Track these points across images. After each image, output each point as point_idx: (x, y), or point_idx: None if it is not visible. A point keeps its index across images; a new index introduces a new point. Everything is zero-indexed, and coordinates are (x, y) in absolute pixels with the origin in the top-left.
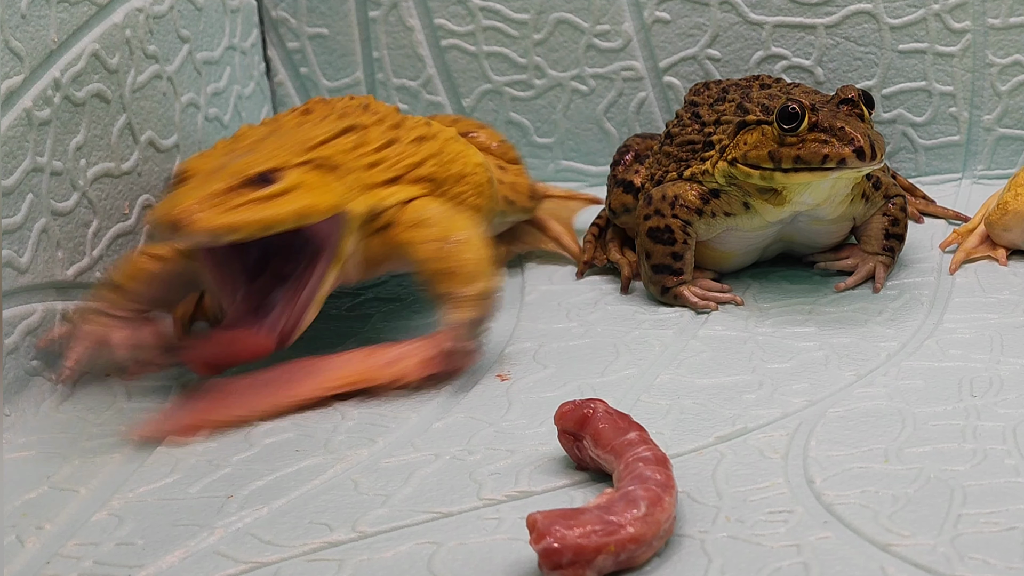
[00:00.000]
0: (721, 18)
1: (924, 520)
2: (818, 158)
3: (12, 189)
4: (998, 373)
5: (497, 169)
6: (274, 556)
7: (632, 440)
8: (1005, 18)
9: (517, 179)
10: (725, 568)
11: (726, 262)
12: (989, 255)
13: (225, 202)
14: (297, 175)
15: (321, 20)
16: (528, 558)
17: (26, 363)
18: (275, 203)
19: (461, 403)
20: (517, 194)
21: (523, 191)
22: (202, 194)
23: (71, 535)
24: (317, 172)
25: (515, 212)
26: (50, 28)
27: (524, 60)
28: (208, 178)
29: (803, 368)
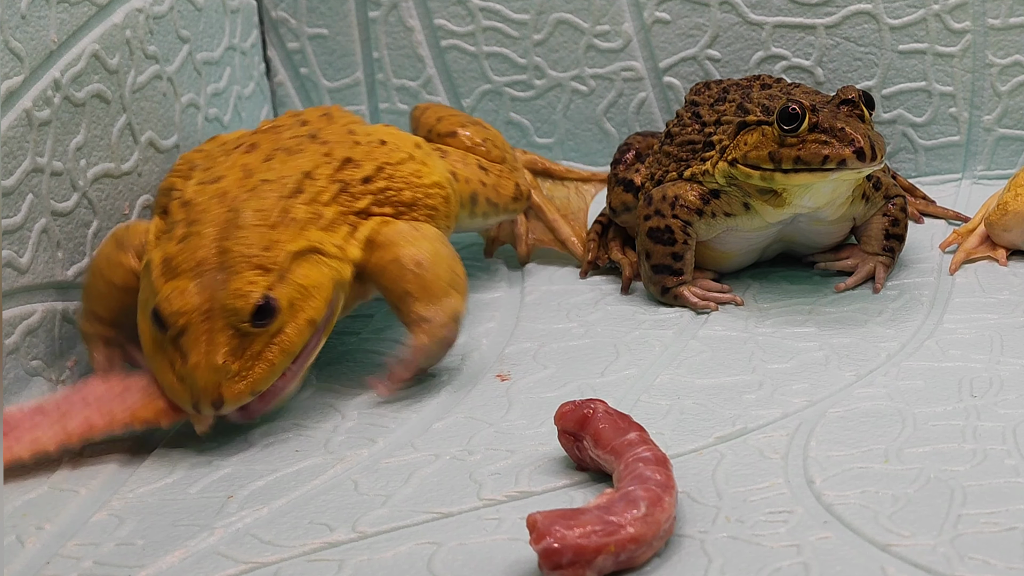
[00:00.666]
0: (721, 18)
1: (924, 520)
2: (818, 159)
3: (12, 189)
4: (998, 373)
5: (478, 170)
6: (274, 556)
7: (632, 440)
8: (1005, 18)
9: (499, 179)
10: (725, 568)
11: (726, 262)
12: (989, 255)
13: (242, 359)
14: (287, 292)
15: (321, 20)
16: (528, 558)
17: (26, 363)
18: (286, 334)
19: (461, 403)
20: (499, 196)
21: (506, 192)
22: (217, 363)
23: (71, 535)
24: (300, 268)
25: (498, 213)
26: (50, 28)
27: (524, 60)
28: (207, 333)
29: (803, 368)
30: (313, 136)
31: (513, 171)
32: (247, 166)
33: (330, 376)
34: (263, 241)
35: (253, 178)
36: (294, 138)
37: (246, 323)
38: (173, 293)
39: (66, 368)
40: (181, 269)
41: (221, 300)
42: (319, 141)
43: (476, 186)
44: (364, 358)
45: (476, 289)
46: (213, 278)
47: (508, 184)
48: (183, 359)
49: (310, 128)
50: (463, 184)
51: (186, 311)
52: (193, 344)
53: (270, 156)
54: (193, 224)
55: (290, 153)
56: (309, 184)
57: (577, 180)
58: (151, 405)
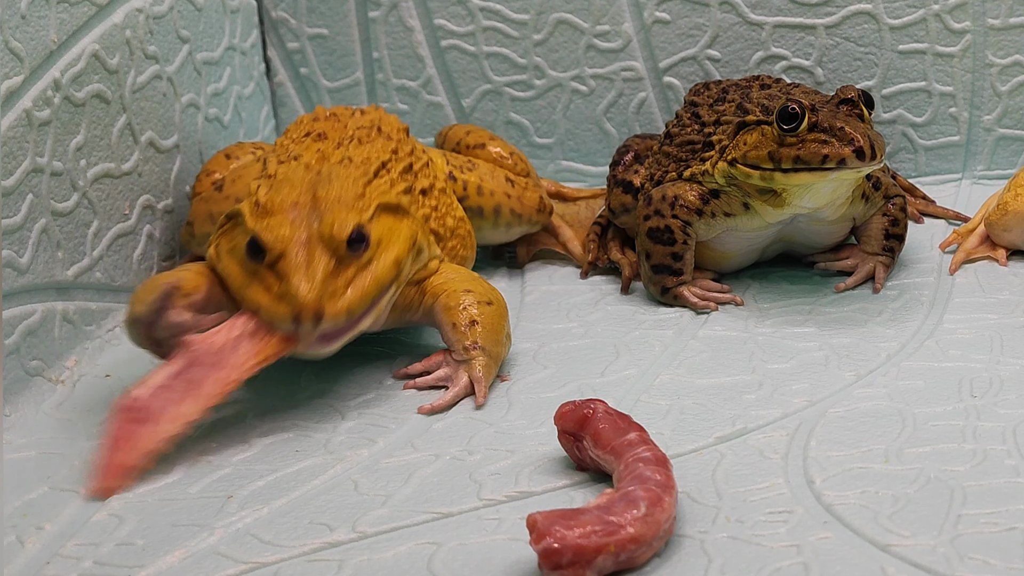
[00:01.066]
0: (721, 18)
1: (924, 520)
2: (818, 158)
3: (12, 189)
4: (998, 373)
5: (504, 182)
6: (274, 556)
7: (632, 440)
8: (1005, 18)
9: (525, 192)
10: (725, 568)
11: (726, 262)
12: (989, 255)
13: (339, 280)
14: (376, 230)
15: (321, 20)
16: (528, 558)
17: (26, 363)
18: (375, 266)
19: (461, 404)
20: (524, 207)
21: (531, 204)
22: (318, 280)
23: (71, 535)
24: (384, 217)
25: (522, 225)
26: (50, 28)
27: (524, 60)
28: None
29: (803, 368)
30: (379, 129)
31: (536, 186)
32: (322, 150)
33: (330, 376)
34: (354, 190)
35: (332, 159)
36: (360, 128)
37: (343, 248)
38: (271, 223)
39: (66, 368)
40: (275, 210)
41: (318, 228)
42: (384, 135)
43: (500, 198)
44: (365, 358)
45: None
46: (308, 216)
47: (533, 196)
48: (282, 280)
49: (371, 118)
50: (487, 197)
51: (284, 238)
52: (292, 266)
53: (341, 143)
54: (282, 181)
55: (361, 143)
56: (385, 173)
57: (588, 199)
58: (266, 341)
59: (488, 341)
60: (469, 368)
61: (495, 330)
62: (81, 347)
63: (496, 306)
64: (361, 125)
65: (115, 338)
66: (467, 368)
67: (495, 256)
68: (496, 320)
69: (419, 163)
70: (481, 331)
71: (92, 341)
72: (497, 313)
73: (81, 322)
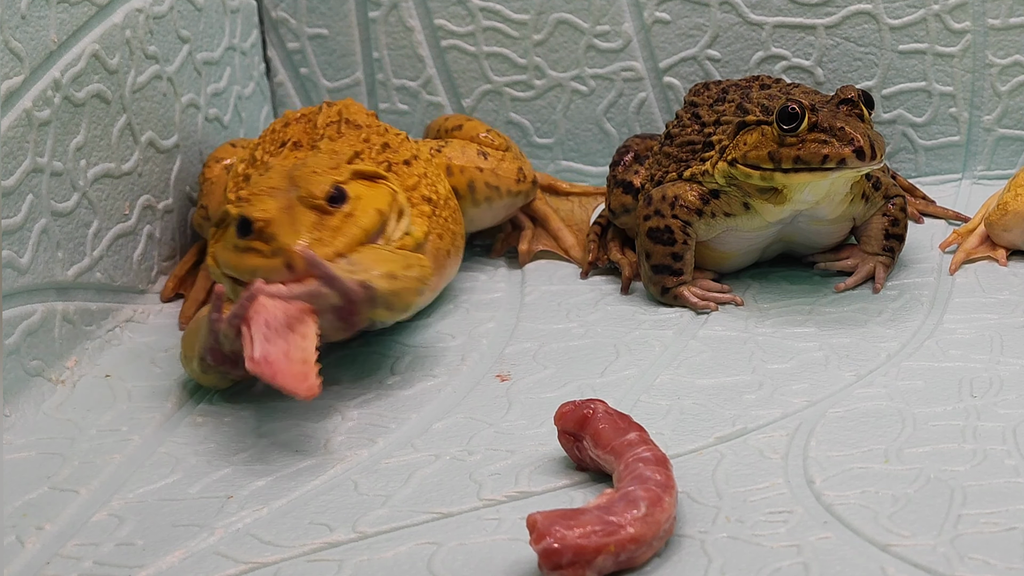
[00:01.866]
0: (721, 19)
1: (924, 520)
2: (818, 158)
3: (12, 189)
4: (998, 373)
5: (476, 156)
6: (274, 556)
7: (632, 440)
8: (1005, 18)
9: (500, 164)
10: (725, 568)
11: (726, 262)
12: (989, 255)
13: (325, 230)
14: (354, 188)
15: (321, 20)
16: (528, 558)
17: (26, 363)
18: (357, 216)
19: (461, 403)
20: (500, 179)
21: (508, 175)
22: (302, 231)
23: (71, 535)
24: (361, 182)
25: (503, 198)
26: (50, 28)
27: (524, 60)
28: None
29: (803, 368)
30: (347, 121)
31: (517, 158)
32: (298, 156)
33: (330, 376)
34: (329, 163)
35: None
36: (329, 124)
37: (323, 203)
38: (254, 201)
39: (66, 368)
40: (255, 193)
41: (298, 194)
42: (353, 125)
43: (472, 173)
44: (365, 359)
45: (476, 289)
46: (287, 191)
47: (509, 167)
48: (271, 241)
49: (337, 108)
50: (458, 175)
51: (269, 209)
52: (278, 227)
53: (315, 144)
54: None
55: (332, 140)
56: (359, 161)
57: (581, 195)
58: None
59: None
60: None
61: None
62: (81, 347)
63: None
64: (330, 121)
65: (115, 338)
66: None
67: (494, 254)
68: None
69: (396, 139)
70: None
71: (92, 341)
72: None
73: (81, 322)
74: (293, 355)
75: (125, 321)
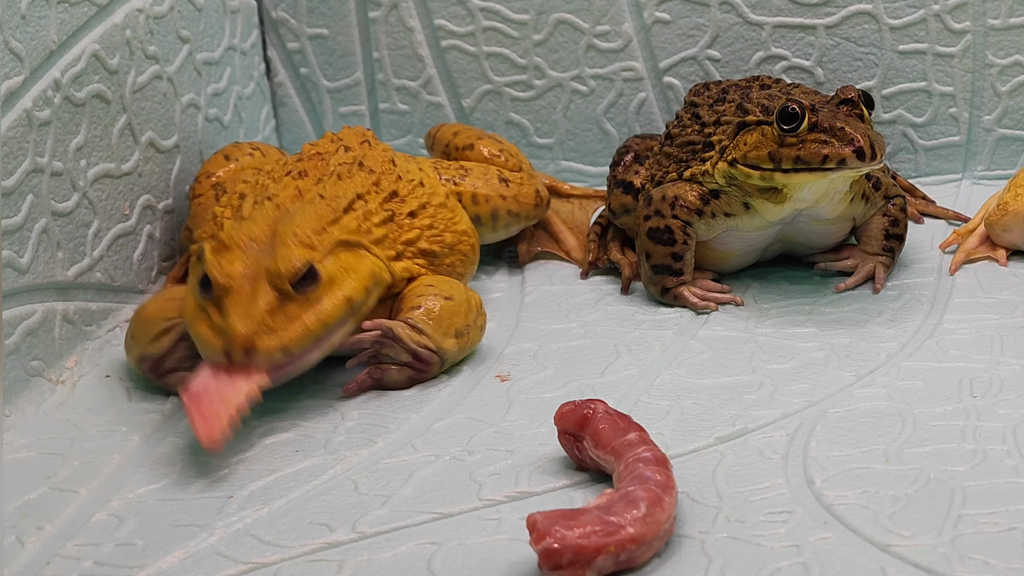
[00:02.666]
0: (721, 19)
1: (924, 520)
2: (818, 158)
3: (12, 189)
4: (998, 373)
5: (498, 184)
6: (274, 556)
7: (632, 440)
8: (1005, 18)
9: (521, 189)
10: (725, 568)
11: (726, 262)
12: (989, 256)
13: (280, 317)
14: (329, 267)
15: (321, 20)
16: (528, 558)
17: (26, 363)
18: (322, 304)
19: (461, 404)
20: (521, 206)
21: (527, 201)
22: (255, 316)
23: (71, 536)
24: (343, 254)
25: (520, 222)
26: (50, 29)
27: (524, 61)
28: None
29: (803, 368)
30: (360, 164)
31: (531, 178)
32: (300, 187)
33: (330, 376)
34: (314, 226)
35: (307, 196)
36: (342, 164)
37: (288, 286)
38: (223, 259)
39: (66, 368)
40: (232, 244)
41: (267, 264)
42: (366, 169)
43: (497, 202)
44: None
45: (476, 289)
46: (261, 251)
47: (528, 192)
48: (223, 314)
49: (354, 154)
50: (483, 204)
51: (233, 275)
52: (235, 301)
53: (320, 180)
54: (247, 219)
55: (340, 178)
56: (361, 205)
57: (581, 197)
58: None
59: (430, 326)
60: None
61: (442, 320)
62: (81, 347)
63: (455, 302)
64: (343, 161)
65: (115, 338)
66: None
67: (496, 255)
68: (449, 312)
69: (406, 188)
70: (420, 314)
71: (92, 341)
72: (452, 308)
73: (81, 322)
74: (226, 399)
75: (125, 321)
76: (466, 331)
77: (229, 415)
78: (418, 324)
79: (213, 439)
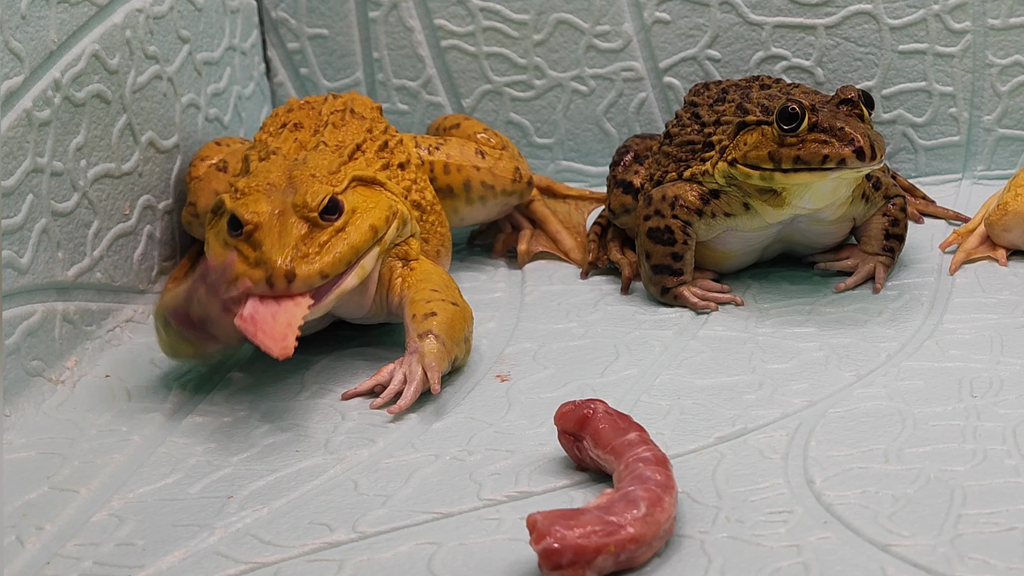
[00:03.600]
0: (721, 19)
1: (924, 520)
2: (818, 158)
3: (12, 190)
4: (998, 373)
5: (474, 155)
6: (274, 556)
7: (632, 440)
8: (1005, 18)
9: (497, 163)
10: (725, 568)
11: (726, 262)
12: (989, 255)
13: (312, 245)
14: (351, 199)
15: (321, 20)
16: (528, 558)
17: (26, 363)
18: (349, 231)
19: (461, 404)
20: (496, 178)
21: (504, 175)
22: (289, 244)
23: (71, 535)
24: (361, 189)
25: (497, 197)
26: (50, 29)
27: (524, 61)
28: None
29: (803, 368)
30: (352, 111)
31: (513, 158)
32: (299, 138)
33: (330, 377)
34: (328, 168)
35: (308, 147)
36: (334, 113)
37: (315, 215)
38: (248, 200)
39: (66, 368)
40: (252, 190)
41: (292, 200)
42: (358, 116)
43: (469, 172)
44: (364, 360)
45: (476, 290)
46: (283, 193)
47: (506, 167)
48: (257, 248)
49: (344, 100)
50: (455, 174)
51: (260, 212)
52: (267, 234)
53: (318, 130)
54: (260, 170)
55: (335, 127)
56: (360, 155)
57: (577, 198)
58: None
59: (444, 332)
60: (422, 356)
61: (453, 327)
62: (81, 347)
63: (460, 309)
64: (334, 109)
65: (115, 338)
66: (420, 357)
67: (495, 253)
68: (456, 319)
69: (393, 140)
70: (438, 322)
71: (92, 341)
72: (459, 314)
73: (81, 322)
74: (279, 318)
75: (125, 321)
76: (468, 339)
77: (290, 326)
78: (433, 351)
79: (284, 346)
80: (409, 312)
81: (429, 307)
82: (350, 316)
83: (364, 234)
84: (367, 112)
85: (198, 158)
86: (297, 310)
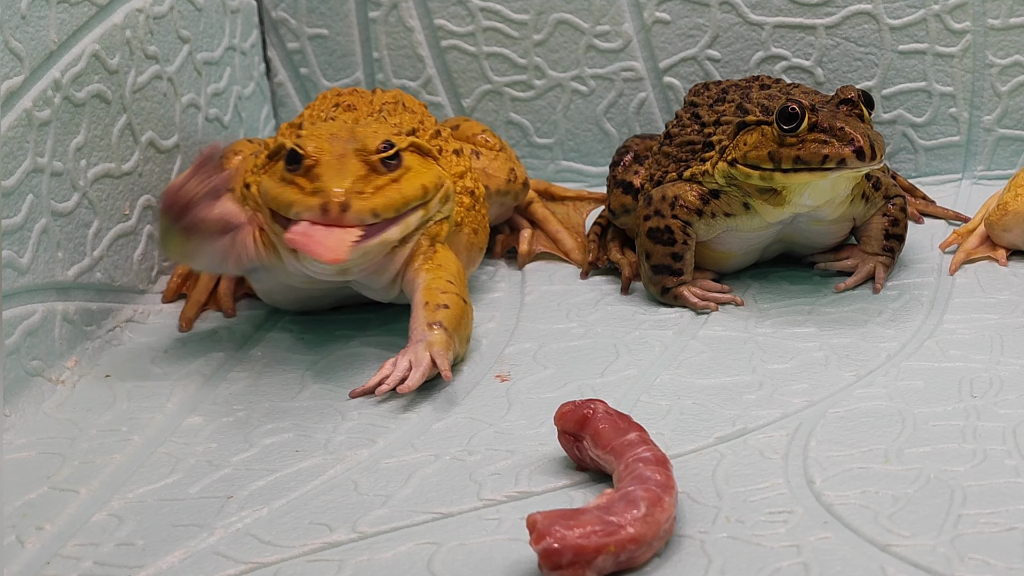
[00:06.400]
0: (721, 19)
1: (924, 520)
2: (818, 158)
3: (12, 189)
4: (998, 373)
5: (471, 156)
6: (274, 556)
7: (632, 440)
8: (1005, 19)
9: (492, 163)
10: (725, 568)
11: (726, 262)
12: (989, 255)
13: (368, 186)
14: (408, 157)
15: (321, 21)
16: (528, 558)
17: (26, 363)
18: (403, 184)
19: (461, 404)
20: (490, 178)
21: (498, 175)
22: (348, 178)
23: (71, 535)
24: (416, 155)
25: (490, 197)
26: (50, 29)
27: (524, 61)
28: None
29: (803, 368)
30: (403, 104)
31: (509, 159)
32: (354, 117)
33: (330, 377)
34: (391, 130)
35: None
36: (386, 104)
37: (374, 158)
38: (309, 136)
39: (66, 368)
40: (314, 135)
41: (353, 144)
42: (409, 110)
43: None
44: (364, 359)
45: (476, 290)
46: (345, 143)
47: (501, 167)
48: (316, 179)
49: (394, 94)
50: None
51: (322, 148)
52: (326, 168)
53: (372, 113)
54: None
55: (390, 114)
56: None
57: (575, 199)
58: None
59: (452, 326)
60: (429, 345)
61: (460, 323)
62: (81, 347)
63: (468, 307)
64: (386, 101)
65: (115, 338)
66: (427, 345)
67: (494, 255)
68: (464, 315)
69: (445, 131)
70: (448, 316)
71: (92, 341)
72: (467, 312)
73: (81, 322)
74: (330, 239)
75: (125, 321)
76: (469, 338)
77: (342, 242)
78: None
79: (338, 252)
80: (422, 297)
81: (444, 298)
82: (369, 285)
83: (416, 189)
84: (416, 108)
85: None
86: (347, 236)
